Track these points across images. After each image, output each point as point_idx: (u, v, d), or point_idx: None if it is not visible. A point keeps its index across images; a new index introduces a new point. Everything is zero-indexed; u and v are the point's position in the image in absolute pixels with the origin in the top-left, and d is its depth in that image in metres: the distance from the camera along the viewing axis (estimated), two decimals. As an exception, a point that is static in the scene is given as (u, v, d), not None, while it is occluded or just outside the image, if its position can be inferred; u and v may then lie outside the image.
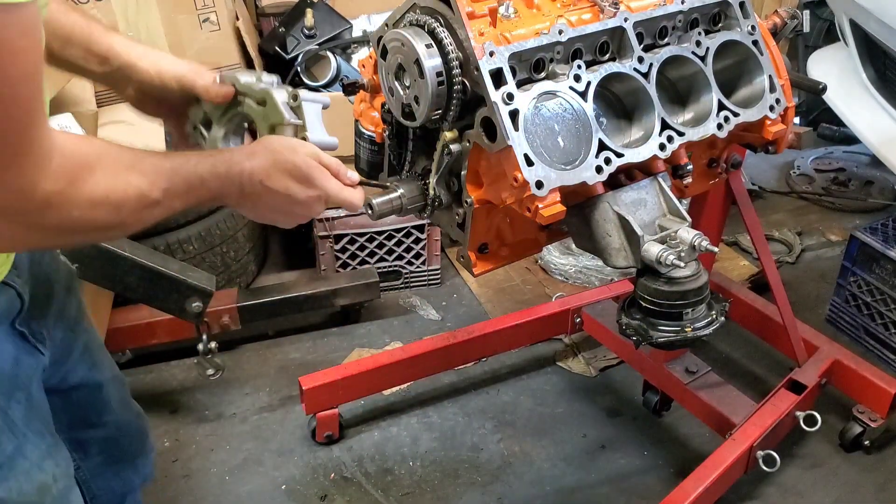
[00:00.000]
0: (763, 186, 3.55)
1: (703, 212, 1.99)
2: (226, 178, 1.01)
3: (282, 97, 1.12)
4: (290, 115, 1.12)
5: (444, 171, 1.38)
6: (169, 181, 0.96)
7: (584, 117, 1.29)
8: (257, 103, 1.14)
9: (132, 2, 2.53)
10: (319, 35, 2.82)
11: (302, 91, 1.13)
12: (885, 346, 2.51)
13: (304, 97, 1.12)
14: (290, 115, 1.12)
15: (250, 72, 1.19)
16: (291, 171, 1.04)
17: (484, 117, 1.25)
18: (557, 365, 2.57)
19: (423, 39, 1.24)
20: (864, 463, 2.18)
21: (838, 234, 3.20)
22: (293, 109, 1.12)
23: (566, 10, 1.38)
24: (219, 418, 2.38)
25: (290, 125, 1.11)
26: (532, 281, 2.96)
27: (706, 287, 1.34)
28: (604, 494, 2.12)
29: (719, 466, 1.86)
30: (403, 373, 2.31)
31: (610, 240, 1.35)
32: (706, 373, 2.13)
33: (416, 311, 2.82)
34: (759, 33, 1.50)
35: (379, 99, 1.49)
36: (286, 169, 1.04)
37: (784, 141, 1.55)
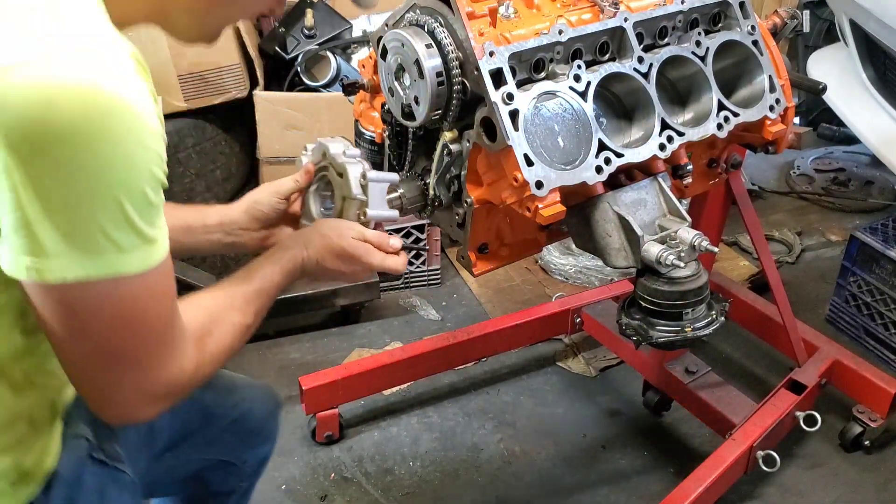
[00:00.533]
0: (763, 186, 3.55)
1: (703, 212, 1.99)
2: (292, 270, 1.18)
3: (355, 173, 1.28)
4: (358, 191, 1.28)
5: (444, 171, 1.38)
6: (257, 302, 1.11)
7: (584, 117, 1.29)
8: (338, 174, 1.30)
9: (132, 2, 2.53)
10: (319, 35, 2.82)
11: (371, 172, 1.29)
12: (885, 346, 2.51)
13: (372, 177, 1.28)
14: (358, 191, 1.28)
15: (341, 141, 1.34)
16: (340, 254, 1.21)
17: (484, 117, 1.25)
18: (557, 365, 2.57)
19: (422, 39, 1.24)
20: (864, 463, 2.18)
21: (838, 234, 3.20)
22: (362, 186, 1.28)
23: (566, 10, 1.38)
24: (219, 418, 2.38)
25: (357, 200, 1.28)
26: (532, 281, 2.96)
27: (706, 287, 1.34)
28: (604, 494, 2.12)
29: (719, 466, 1.86)
30: (403, 373, 2.31)
31: (610, 240, 1.35)
32: (706, 373, 2.13)
33: (416, 311, 2.82)
34: (759, 33, 1.50)
35: (379, 99, 1.49)
36: (336, 252, 1.21)
37: (784, 141, 1.55)
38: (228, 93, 2.73)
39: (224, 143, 2.78)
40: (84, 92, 0.75)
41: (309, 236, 1.21)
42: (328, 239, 1.20)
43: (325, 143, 1.34)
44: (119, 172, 0.78)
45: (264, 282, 1.13)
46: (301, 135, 2.72)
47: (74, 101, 0.74)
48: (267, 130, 2.71)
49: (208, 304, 1.05)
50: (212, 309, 1.05)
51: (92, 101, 0.75)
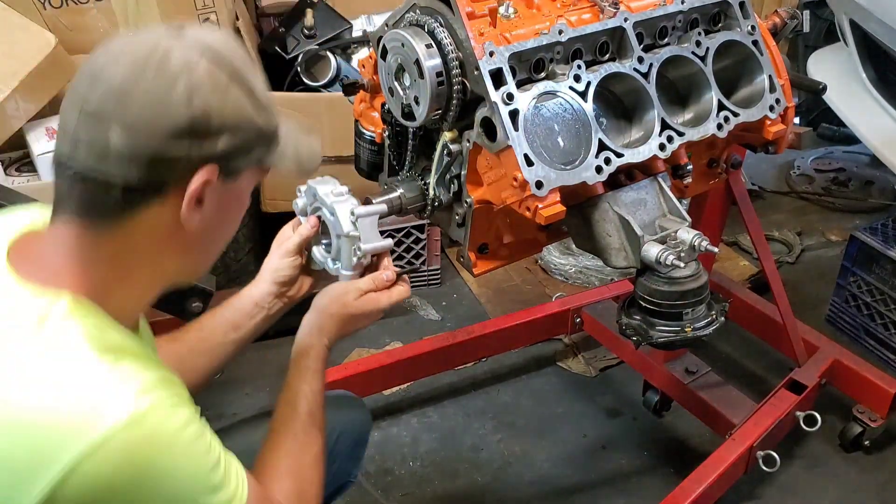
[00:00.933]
0: (763, 186, 3.55)
1: (703, 212, 1.99)
2: (322, 366, 1.24)
3: (345, 212, 1.31)
4: (349, 228, 1.30)
5: (444, 171, 1.38)
6: (317, 422, 1.18)
7: (584, 117, 1.29)
8: (329, 214, 1.32)
9: (132, 2, 2.53)
10: (319, 35, 2.82)
11: (359, 208, 1.31)
12: (885, 346, 2.51)
13: (360, 213, 1.30)
14: (349, 228, 1.30)
15: (329, 181, 1.36)
16: (352, 319, 1.26)
17: (484, 117, 1.25)
18: (557, 365, 2.57)
19: (422, 40, 1.24)
20: (864, 463, 2.18)
21: (838, 234, 3.20)
22: (353, 223, 1.31)
23: (566, 10, 1.38)
24: (219, 418, 2.38)
25: (350, 237, 1.30)
26: (532, 281, 2.96)
27: (706, 287, 1.34)
28: (604, 494, 2.12)
29: (719, 466, 1.86)
30: (403, 373, 2.30)
31: (610, 240, 1.35)
32: (706, 373, 2.13)
33: (416, 311, 2.82)
34: (759, 33, 1.50)
35: (379, 99, 1.49)
36: (348, 320, 1.26)
37: (784, 141, 1.55)
38: (228, 93, 2.73)
39: (224, 143, 2.77)
40: (108, 445, 0.82)
41: (320, 321, 1.25)
42: (335, 314, 1.25)
43: (314, 185, 1.35)
44: (179, 490, 0.88)
45: (308, 401, 1.18)
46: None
47: (111, 457, 0.82)
48: (267, 130, 2.71)
49: (286, 464, 1.12)
50: (291, 467, 1.12)
51: (125, 452, 0.83)
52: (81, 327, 0.87)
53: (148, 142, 0.87)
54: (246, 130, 0.94)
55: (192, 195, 0.91)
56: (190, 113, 0.88)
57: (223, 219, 1.00)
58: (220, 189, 0.94)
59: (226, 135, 0.91)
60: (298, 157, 1.05)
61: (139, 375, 0.87)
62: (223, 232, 1.04)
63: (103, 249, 0.92)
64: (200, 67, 0.89)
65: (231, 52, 0.94)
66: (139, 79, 0.87)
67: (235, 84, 0.92)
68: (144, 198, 0.90)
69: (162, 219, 0.92)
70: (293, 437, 1.14)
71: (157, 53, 0.88)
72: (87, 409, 0.82)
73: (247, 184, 1.00)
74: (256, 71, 0.98)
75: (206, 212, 0.94)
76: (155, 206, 0.91)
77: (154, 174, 0.88)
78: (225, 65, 0.92)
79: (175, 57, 0.88)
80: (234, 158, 0.94)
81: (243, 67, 0.94)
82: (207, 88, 0.89)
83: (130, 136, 0.86)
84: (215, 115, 0.90)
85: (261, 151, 0.98)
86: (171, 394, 0.89)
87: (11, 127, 2.28)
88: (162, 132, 0.87)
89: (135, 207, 0.90)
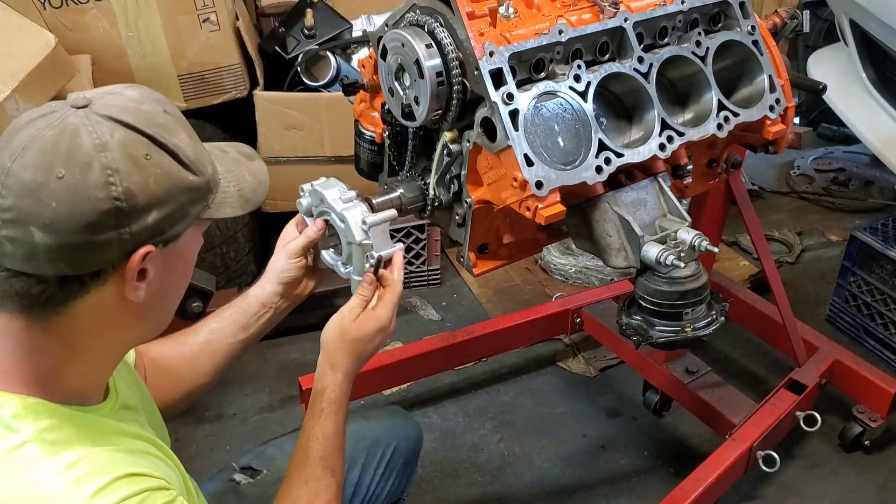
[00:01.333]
0: (763, 186, 3.55)
1: (703, 212, 1.99)
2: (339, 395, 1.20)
3: (356, 220, 1.29)
4: (361, 236, 1.28)
5: (444, 171, 1.38)
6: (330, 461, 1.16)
7: (584, 117, 1.29)
8: (340, 221, 1.31)
9: (132, 2, 2.53)
10: (319, 35, 2.82)
11: (370, 216, 1.29)
12: (885, 346, 2.51)
13: (372, 221, 1.28)
14: (361, 236, 1.28)
15: (335, 184, 1.34)
16: (356, 344, 1.21)
17: (484, 117, 1.25)
18: (557, 365, 2.57)
19: (422, 40, 1.24)
20: (864, 463, 2.19)
21: (838, 234, 3.20)
22: (364, 232, 1.29)
23: (566, 10, 1.37)
24: (219, 418, 2.38)
25: (362, 245, 1.28)
26: (532, 281, 2.96)
27: (706, 287, 1.34)
28: (604, 494, 2.12)
29: (719, 466, 1.86)
30: (403, 373, 2.30)
31: (610, 240, 1.35)
32: (706, 373, 2.13)
33: (416, 311, 2.82)
34: (759, 33, 1.50)
35: (379, 99, 1.49)
36: (352, 346, 1.21)
37: (784, 141, 1.55)
38: (228, 93, 2.73)
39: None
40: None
41: (329, 358, 1.22)
42: (340, 346, 1.21)
43: (321, 189, 1.33)
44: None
45: (321, 445, 1.16)
46: (301, 135, 2.72)
47: None
48: (267, 130, 2.71)
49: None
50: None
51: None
52: (32, 430, 0.85)
53: (72, 237, 0.83)
54: (177, 197, 0.90)
55: (131, 275, 0.88)
56: (110, 198, 0.83)
57: (171, 279, 0.97)
58: (161, 256, 0.91)
59: (155, 209, 0.87)
60: (243, 196, 1.02)
61: (97, 477, 0.84)
62: (174, 290, 1.02)
63: (52, 336, 0.90)
64: (114, 143, 0.84)
65: (146, 116, 0.88)
66: (49, 171, 0.81)
67: (156, 151, 0.87)
68: (83, 286, 0.87)
69: (106, 300, 0.90)
70: (304, 483, 1.14)
71: (65, 137, 0.83)
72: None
73: (190, 239, 0.98)
74: (179, 127, 0.93)
75: (151, 281, 0.92)
76: (95, 291, 0.88)
77: (86, 264, 0.85)
78: (141, 133, 0.86)
79: (84, 137, 0.83)
80: (169, 227, 0.90)
81: (163, 129, 0.89)
82: (125, 166, 0.84)
83: (53, 234, 0.82)
84: (139, 192, 0.85)
85: (198, 209, 0.94)
86: (132, 491, 0.86)
87: (11, 127, 2.28)
88: (84, 225, 0.83)
89: (75, 295, 0.87)
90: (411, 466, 1.54)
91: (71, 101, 0.87)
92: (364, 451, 1.45)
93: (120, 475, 0.86)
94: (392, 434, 1.50)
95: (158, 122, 0.89)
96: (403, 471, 1.50)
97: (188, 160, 0.91)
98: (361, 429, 1.49)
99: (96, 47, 2.55)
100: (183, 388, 1.34)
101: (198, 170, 0.93)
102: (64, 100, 0.88)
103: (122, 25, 2.56)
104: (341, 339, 1.20)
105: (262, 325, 1.37)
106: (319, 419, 1.18)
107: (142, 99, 0.90)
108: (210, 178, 0.96)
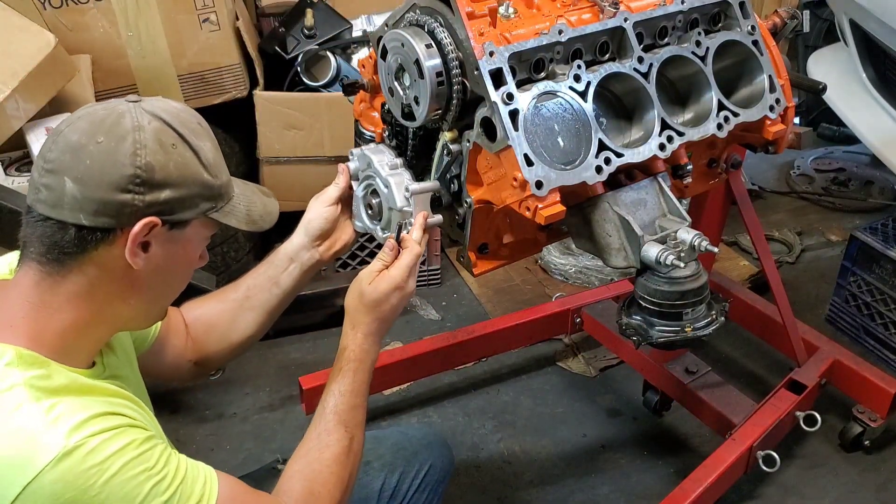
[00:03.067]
0: (763, 186, 3.55)
1: (703, 212, 1.99)
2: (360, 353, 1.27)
3: (400, 187, 1.34)
4: (403, 203, 1.34)
5: (444, 171, 1.38)
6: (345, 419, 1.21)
7: (584, 117, 1.29)
8: (384, 186, 1.36)
9: (132, 2, 2.53)
10: (319, 35, 2.82)
11: (413, 185, 1.34)
12: (885, 346, 2.51)
13: (414, 189, 1.33)
14: (403, 203, 1.34)
15: (384, 150, 1.40)
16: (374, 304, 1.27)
17: (484, 117, 1.25)
18: (557, 365, 2.57)
19: (422, 40, 1.24)
20: (864, 463, 2.18)
21: (838, 234, 3.20)
22: (406, 199, 1.34)
23: (566, 10, 1.38)
24: (219, 418, 2.38)
25: (402, 212, 1.34)
26: (532, 281, 2.96)
27: (706, 287, 1.34)
28: (604, 494, 2.12)
29: (719, 466, 1.86)
30: (403, 373, 2.30)
31: (610, 240, 1.35)
32: (706, 373, 2.13)
33: (416, 311, 2.82)
34: (758, 33, 1.50)
35: (379, 99, 1.49)
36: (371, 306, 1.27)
37: (784, 141, 1.55)
38: (228, 93, 2.73)
39: (224, 143, 2.77)
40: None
41: (350, 319, 1.29)
42: (359, 306, 1.27)
43: (369, 154, 1.40)
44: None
45: (336, 400, 1.23)
46: (301, 135, 2.72)
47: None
48: (267, 130, 2.71)
49: (298, 468, 1.17)
50: (303, 469, 1.16)
51: (59, 484, 0.90)
52: (21, 377, 0.95)
53: (96, 191, 0.97)
54: (190, 186, 1.04)
55: (134, 237, 1.00)
56: (134, 166, 0.98)
57: (171, 264, 1.08)
58: (166, 236, 1.04)
59: (169, 188, 1.01)
60: (250, 216, 1.15)
61: (74, 415, 0.94)
62: (172, 277, 1.12)
63: (59, 292, 1.01)
64: (149, 128, 1.00)
65: (182, 120, 1.05)
66: (93, 136, 0.99)
67: (182, 144, 1.03)
68: (95, 239, 1.00)
69: (111, 259, 1.02)
70: (316, 436, 1.20)
71: (112, 116, 1.00)
72: (22, 452, 0.91)
73: (195, 234, 1.09)
74: (206, 137, 1.08)
75: (152, 256, 1.04)
76: (104, 247, 1.00)
77: (102, 219, 0.99)
78: (173, 128, 1.03)
79: (127, 119, 1.00)
80: (178, 209, 1.03)
81: (192, 133, 1.05)
82: (153, 146, 1.00)
83: (81, 186, 0.97)
84: (159, 169, 1.00)
85: (207, 206, 1.07)
86: (109, 425, 0.96)
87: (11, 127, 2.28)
88: (108, 183, 0.98)
89: (87, 248, 1.00)
90: (443, 485, 1.59)
91: (127, 98, 1.05)
92: (404, 460, 1.51)
93: (96, 413, 0.96)
94: (430, 451, 1.56)
95: (190, 126, 1.06)
96: (436, 488, 1.55)
97: (207, 162, 1.06)
98: (401, 440, 1.57)
99: (96, 47, 2.55)
100: (228, 342, 1.45)
101: (213, 173, 1.07)
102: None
103: (122, 25, 2.56)
104: (360, 301, 1.26)
105: (294, 281, 1.43)
106: (338, 376, 1.25)
107: (182, 108, 1.08)
108: (223, 184, 1.10)
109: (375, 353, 1.30)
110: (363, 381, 1.26)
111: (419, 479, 1.51)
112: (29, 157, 2.33)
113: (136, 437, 0.98)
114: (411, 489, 1.50)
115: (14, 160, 2.39)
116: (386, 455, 1.51)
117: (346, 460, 1.19)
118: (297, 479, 1.15)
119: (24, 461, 0.90)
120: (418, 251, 1.29)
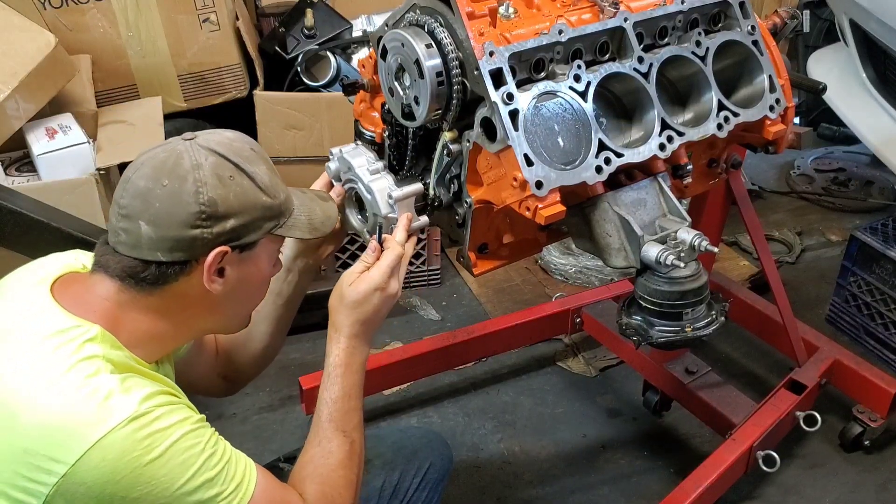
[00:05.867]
0: (763, 186, 3.55)
1: (703, 212, 1.99)
2: (345, 357, 1.29)
3: (382, 193, 1.33)
4: (387, 209, 1.34)
5: (444, 171, 1.38)
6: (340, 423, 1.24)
7: (584, 117, 1.29)
8: (367, 192, 1.36)
9: (132, 2, 2.53)
10: (319, 35, 2.82)
11: (396, 191, 1.34)
12: (885, 346, 2.51)
13: (398, 195, 1.33)
14: (387, 209, 1.34)
15: (362, 153, 1.39)
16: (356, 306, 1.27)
17: (484, 117, 1.25)
18: (557, 365, 2.57)
19: (422, 40, 1.24)
20: (864, 463, 2.19)
21: (838, 234, 3.20)
22: (390, 205, 1.33)
23: (566, 10, 1.38)
24: (219, 418, 2.38)
25: (387, 219, 1.33)
26: (532, 281, 2.96)
27: (706, 287, 1.34)
28: (604, 494, 2.12)
29: (719, 466, 1.86)
30: (403, 373, 2.30)
31: (610, 240, 1.35)
32: (706, 373, 2.13)
33: (416, 311, 2.82)
34: (759, 33, 1.50)
35: (379, 99, 1.49)
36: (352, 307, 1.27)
37: (784, 141, 1.55)
38: (228, 93, 2.73)
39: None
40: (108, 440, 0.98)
41: (333, 322, 1.30)
42: (340, 307, 1.28)
43: (348, 157, 1.39)
44: (173, 475, 1.02)
45: (329, 408, 1.25)
46: (301, 135, 2.72)
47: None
48: (267, 130, 2.72)
49: (309, 471, 1.21)
50: (312, 474, 1.20)
51: (127, 443, 0.99)
52: (101, 351, 1.04)
53: (168, 230, 1.07)
54: (251, 211, 1.12)
55: (209, 267, 1.10)
56: (199, 203, 1.07)
57: (246, 281, 1.18)
58: (237, 259, 1.14)
59: (233, 217, 1.10)
60: (312, 224, 1.24)
61: (143, 388, 1.04)
62: (251, 291, 1.22)
63: (140, 304, 1.11)
64: (206, 165, 1.09)
65: (235, 149, 1.13)
66: (158, 181, 1.08)
67: (238, 174, 1.11)
68: (174, 272, 1.10)
69: (190, 288, 1.12)
70: (317, 444, 1.23)
71: (172, 158, 1.09)
72: (98, 411, 0.99)
73: (264, 251, 1.18)
74: (260, 161, 1.16)
75: (228, 279, 1.14)
76: (183, 279, 1.11)
77: (177, 254, 1.09)
78: (229, 160, 1.11)
79: (185, 159, 1.09)
80: (244, 234, 1.12)
81: (246, 161, 1.13)
82: (212, 182, 1.08)
83: (154, 227, 1.07)
84: (221, 202, 1.09)
85: (270, 225, 1.16)
86: (171, 401, 1.06)
87: (11, 127, 2.28)
88: (178, 222, 1.07)
89: (167, 280, 1.10)
90: (443, 484, 1.60)
91: (182, 136, 1.13)
92: (404, 459, 1.52)
93: (162, 390, 1.07)
94: (429, 450, 1.58)
95: (244, 155, 1.14)
96: (436, 486, 1.56)
97: (263, 185, 1.14)
98: (402, 439, 1.59)
99: (96, 47, 2.56)
100: (249, 354, 1.56)
101: (271, 194, 1.15)
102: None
103: (122, 25, 2.56)
104: (340, 303, 1.28)
105: (295, 288, 1.48)
106: (327, 384, 1.27)
107: (235, 138, 1.16)
108: (282, 202, 1.18)
109: (363, 353, 1.30)
110: (353, 384, 1.27)
111: (420, 477, 1.52)
112: (29, 157, 2.33)
113: (192, 415, 1.08)
114: (412, 487, 1.51)
115: (14, 160, 2.39)
116: (386, 454, 1.51)
117: (351, 462, 1.23)
118: (309, 483, 1.19)
119: (99, 419, 0.98)
120: (399, 252, 1.29)
